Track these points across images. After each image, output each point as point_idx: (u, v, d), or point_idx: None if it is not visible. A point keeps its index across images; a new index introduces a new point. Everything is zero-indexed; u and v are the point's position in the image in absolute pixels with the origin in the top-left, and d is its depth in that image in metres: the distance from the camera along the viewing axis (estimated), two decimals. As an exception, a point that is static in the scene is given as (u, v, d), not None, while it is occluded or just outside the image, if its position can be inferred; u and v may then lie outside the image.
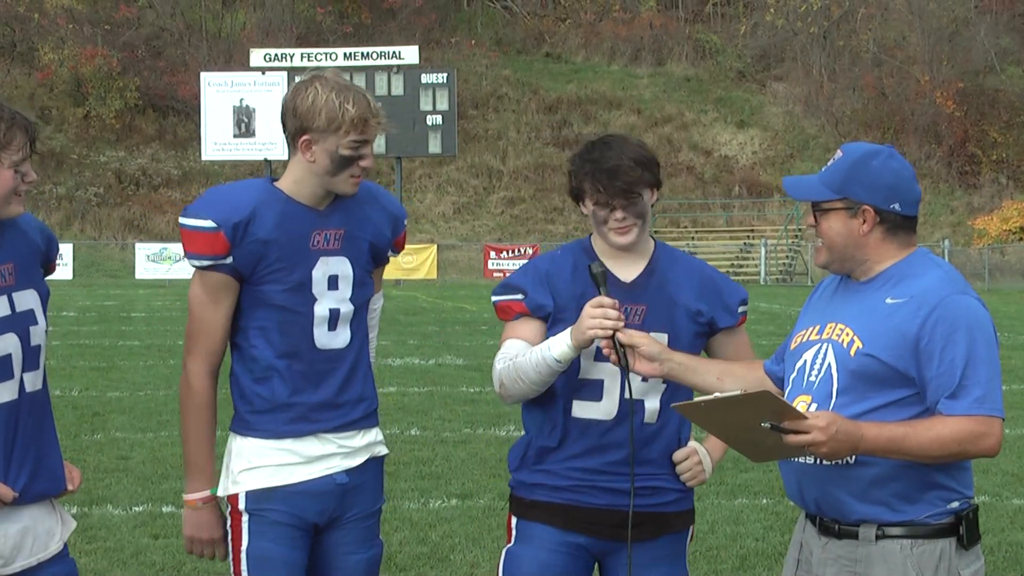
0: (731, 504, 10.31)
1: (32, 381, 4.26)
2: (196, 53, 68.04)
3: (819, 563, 4.22)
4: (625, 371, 4.37)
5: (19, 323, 4.21)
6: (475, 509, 10.12)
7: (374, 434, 4.63)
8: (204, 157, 54.79)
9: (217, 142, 52.89)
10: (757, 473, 11.06)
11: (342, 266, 4.51)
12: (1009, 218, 56.33)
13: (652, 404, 4.52)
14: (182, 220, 4.44)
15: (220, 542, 4.47)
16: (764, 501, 10.38)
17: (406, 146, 51.84)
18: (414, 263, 51.60)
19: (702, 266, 4.70)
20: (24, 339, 4.22)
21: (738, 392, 3.88)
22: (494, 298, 4.66)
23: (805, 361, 4.24)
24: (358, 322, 4.57)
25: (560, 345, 4.39)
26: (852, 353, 4.09)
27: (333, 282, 4.49)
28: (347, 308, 4.51)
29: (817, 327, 4.26)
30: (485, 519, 9.83)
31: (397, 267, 50.76)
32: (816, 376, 4.17)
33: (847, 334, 4.13)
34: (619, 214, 4.48)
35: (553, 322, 4.53)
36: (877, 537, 4.10)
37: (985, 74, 68.56)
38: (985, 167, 65.34)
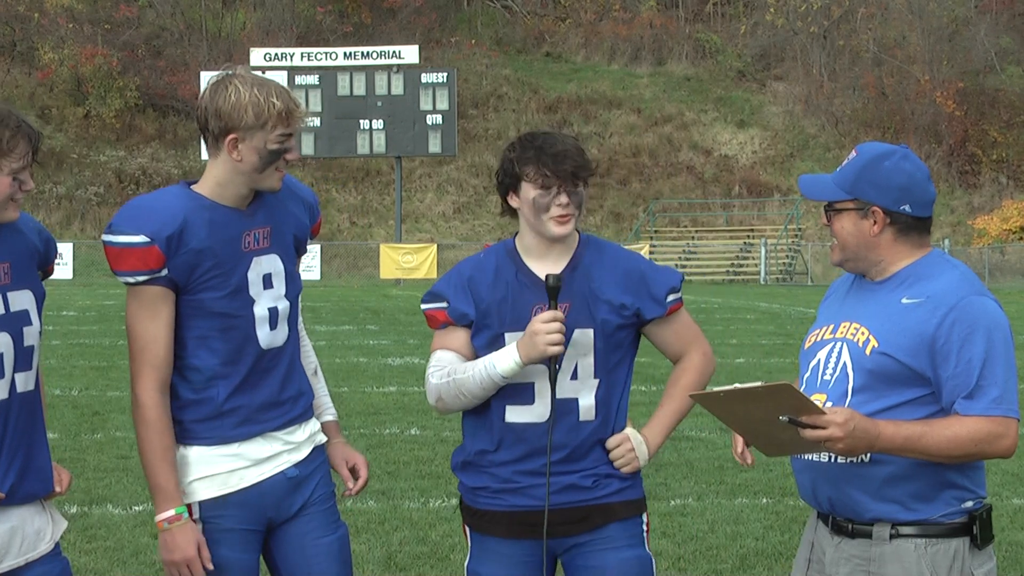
0: (731, 504, 10.31)
1: (24, 382, 4.24)
2: (196, 53, 68.03)
3: (832, 562, 4.21)
4: (554, 382, 4.39)
5: (13, 323, 4.20)
6: (475, 509, 10.11)
7: (313, 424, 4.65)
8: (204, 157, 54.56)
9: (217, 142, 52.83)
10: (757, 473, 11.05)
11: (274, 263, 4.48)
12: (1009, 218, 56.33)
13: (587, 401, 4.49)
14: (108, 238, 4.33)
15: (195, 561, 4.34)
16: (764, 501, 10.37)
17: (406, 146, 51.83)
18: (414, 262, 51.56)
19: (629, 257, 4.61)
20: (17, 339, 4.20)
21: (758, 384, 3.87)
22: (422, 306, 4.62)
23: (819, 360, 4.22)
24: (293, 317, 4.56)
25: (506, 361, 4.39)
26: (868, 352, 4.08)
27: (267, 281, 4.47)
28: (284, 305, 4.50)
29: (831, 326, 4.25)
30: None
31: (397, 266, 50.76)
32: (831, 375, 4.16)
33: (862, 333, 4.12)
34: (563, 199, 4.43)
35: (477, 328, 4.51)
36: (891, 536, 4.08)
37: (985, 74, 68.56)
38: (985, 167, 65.34)
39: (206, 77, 53.39)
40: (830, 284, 4.56)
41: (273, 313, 4.47)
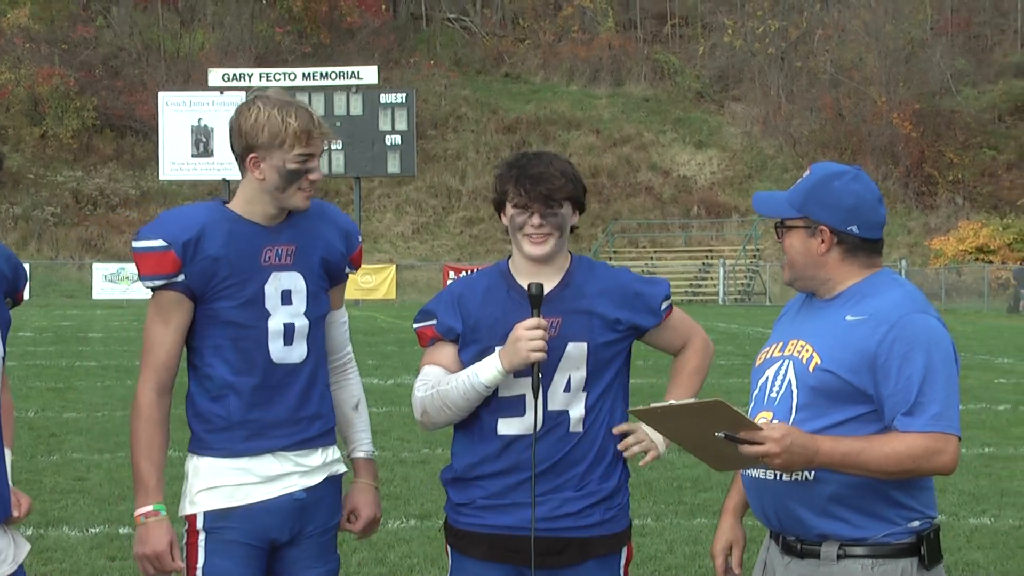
0: (690, 524, 10.32)
1: None
2: (154, 73, 67.89)
3: (782, 582, 4.22)
4: (537, 390, 4.40)
5: None
6: (434, 530, 10.10)
7: (332, 452, 4.63)
8: (162, 177, 54.66)
9: (175, 162, 52.76)
10: (716, 493, 11.07)
11: (295, 281, 4.51)
12: (965, 238, 56.71)
13: (576, 412, 4.51)
14: (134, 244, 4.46)
15: (164, 556, 4.39)
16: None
17: (365, 166, 51.82)
18: (373, 283, 51.57)
19: (620, 274, 4.69)
20: None
21: (692, 400, 3.89)
22: (414, 325, 4.67)
23: (767, 378, 4.25)
24: (314, 337, 4.57)
25: (489, 370, 4.41)
26: (811, 369, 4.10)
27: (286, 296, 4.50)
28: (302, 322, 4.52)
29: (780, 344, 4.28)
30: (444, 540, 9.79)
31: (356, 287, 50.71)
32: (777, 392, 4.18)
33: (807, 350, 4.14)
34: (536, 220, 4.47)
35: (464, 343, 4.54)
36: (839, 556, 4.09)
37: (941, 95, 69.07)
38: (941, 188, 65.79)
39: (164, 98, 53.39)
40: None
41: (289, 329, 4.49)
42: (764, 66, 71.93)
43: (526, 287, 4.47)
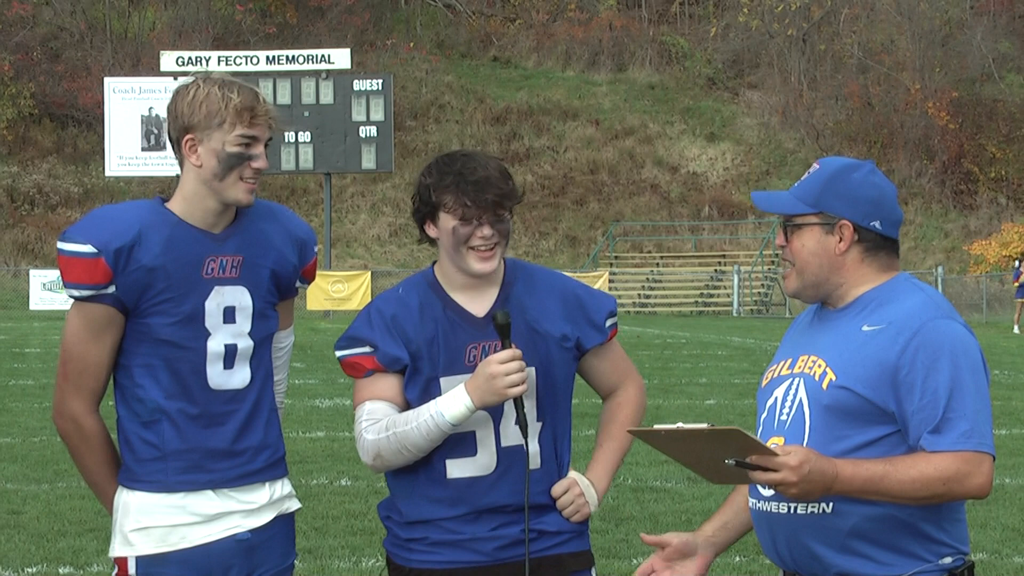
0: (700, 562, 10.30)
1: None
2: (99, 56, 67.80)
3: (799, 627, 4.22)
4: (524, 428, 4.39)
5: None
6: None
7: (281, 487, 4.65)
8: (108, 173, 54.54)
9: (123, 156, 52.66)
10: (730, 527, 11.06)
11: (240, 296, 4.50)
12: (1009, 243, 56.70)
13: (532, 447, 4.50)
14: (60, 245, 4.43)
15: None
16: (736, 559, 10.39)
17: (336, 161, 51.77)
18: (345, 292, 51.46)
19: (562, 281, 4.67)
20: None
21: (705, 426, 3.89)
22: (339, 353, 4.58)
23: (776, 398, 4.25)
24: (259, 359, 4.57)
25: (456, 407, 4.37)
26: (824, 386, 4.11)
27: (229, 314, 4.48)
28: (245, 343, 4.51)
29: (789, 361, 4.29)
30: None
31: (327, 296, 50.67)
32: (788, 414, 4.18)
33: (819, 366, 4.15)
34: (487, 231, 4.43)
35: (410, 372, 4.49)
36: (860, 598, 4.10)
37: (982, 82, 69.15)
38: (982, 186, 65.85)
39: (110, 83, 53.27)
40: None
41: (230, 351, 4.48)
42: (784, 49, 72.01)
43: (472, 312, 4.47)
